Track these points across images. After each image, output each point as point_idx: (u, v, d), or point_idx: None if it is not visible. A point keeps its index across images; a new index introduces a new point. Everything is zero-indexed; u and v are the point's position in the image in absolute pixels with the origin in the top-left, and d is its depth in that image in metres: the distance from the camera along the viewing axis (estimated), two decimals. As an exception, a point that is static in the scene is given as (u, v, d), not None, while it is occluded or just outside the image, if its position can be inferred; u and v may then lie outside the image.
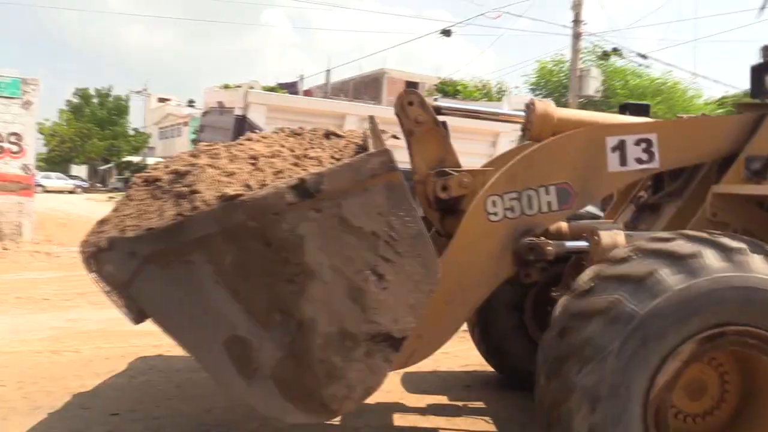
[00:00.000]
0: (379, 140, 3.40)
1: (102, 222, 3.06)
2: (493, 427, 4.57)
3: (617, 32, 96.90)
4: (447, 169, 3.65)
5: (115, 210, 3.19)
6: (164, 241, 2.60)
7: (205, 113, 11.84)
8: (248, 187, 2.79)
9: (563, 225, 3.90)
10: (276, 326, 2.66)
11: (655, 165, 3.71)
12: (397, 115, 3.67)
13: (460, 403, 5.03)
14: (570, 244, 3.69)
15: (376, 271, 2.66)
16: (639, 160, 3.68)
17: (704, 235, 3.03)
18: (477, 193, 3.57)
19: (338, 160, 3.18)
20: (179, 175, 3.03)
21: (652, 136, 3.72)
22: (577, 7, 17.50)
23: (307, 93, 34.07)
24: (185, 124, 40.58)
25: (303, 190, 2.55)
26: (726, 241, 2.95)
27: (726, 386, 3.22)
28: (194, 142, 31.81)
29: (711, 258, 2.83)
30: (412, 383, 5.40)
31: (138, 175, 3.35)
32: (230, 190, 2.67)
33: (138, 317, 2.83)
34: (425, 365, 6.25)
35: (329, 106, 10.29)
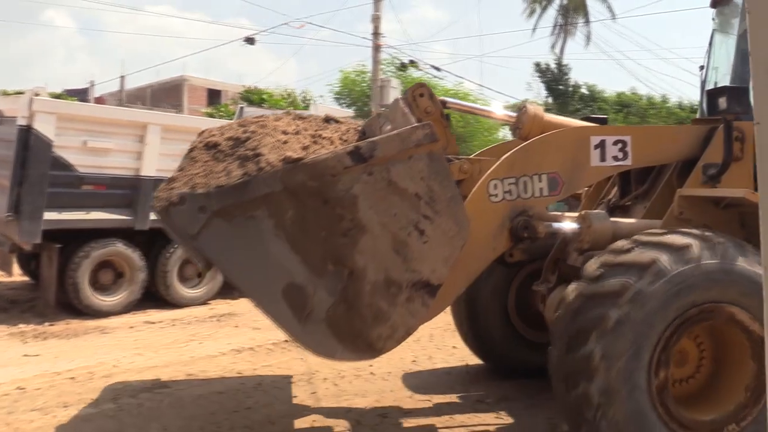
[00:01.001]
0: (412, 114, 3.83)
1: (171, 180, 3.45)
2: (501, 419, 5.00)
3: (414, 45, 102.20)
4: (449, 156, 4.04)
5: (181, 169, 3.53)
6: (232, 197, 2.95)
7: (-21, 123, 10.49)
8: (305, 150, 3.21)
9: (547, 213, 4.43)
10: (329, 275, 3.04)
11: (628, 162, 4.37)
12: (409, 105, 4.03)
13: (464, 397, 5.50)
14: (557, 225, 4.29)
15: (418, 227, 3.13)
16: (615, 158, 4.31)
17: (692, 230, 3.72)
18: (474, 178, 4.10)
19: (346, 141, 3.68)
20: (239, 141, 3.39)
21: (627, 138, 4.37)
22: (376, 20, 18.23)
23: (99, 100, 31.66)
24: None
25: (358, 155, 2.98)
26: (709, 235, 3.64)
27: (702, 354, 3.91)
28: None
29: (698, 249, 3.51)
30: (416, 381, 5.85)
31: (198, 139, 3.70)
32: (293, 154, 3.05)
33: (205, 266, 3.40)
34: (425, 364, 6.18)
35: (130, 115, 9.61)
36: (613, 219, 4.40)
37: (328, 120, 3.95)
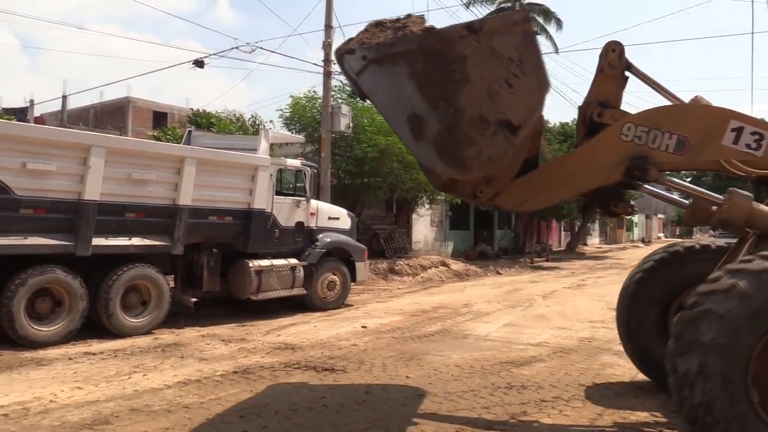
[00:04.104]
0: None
1: (350, 39, 4.66)
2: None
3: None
4: (608, 105, 5.03)
5: (359, 34, 4.64)
6: (384, 50, 4.25)
7: None
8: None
9: None
10: (440, 109, 4.12)
11: (759, 153, 4.79)
12: (600, 57, 5.05)
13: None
14: (672, 179, 5.10)
15: (508, 82, 4.05)
16: (748, 145, 4.77)
17: None
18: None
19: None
20: (398, 24, 4.46)
21: (766, 133, 4.79)
22: (327, 47, 18.24)
23: (39, 120, 30.63)
24: None
25: (471, 28, 4.04)
26: None
27: None
28: None
29: None
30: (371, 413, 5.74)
31: (371, 23, 4.68)
32: (425, 27, 4.25)
33: (362, 97, 4.92)
34: (379, 395, 6.19)
35: (72, 136, 9.25)
36: (755, 203, 4.90)
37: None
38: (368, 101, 4.90)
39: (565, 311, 12.81)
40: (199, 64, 19.90)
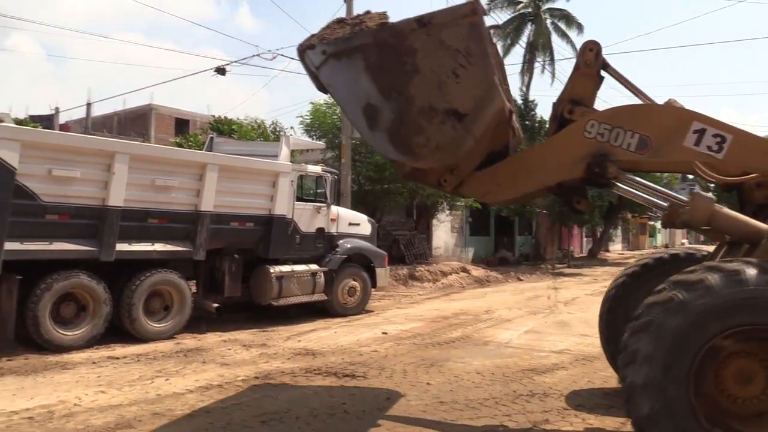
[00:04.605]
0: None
1: (312, 36, 4.80)
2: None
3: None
4: (579, 103, 5.14)
5: (321, 30, 4.79)
6: (342, 45, 4.46)
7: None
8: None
9: None
10: (393, 100, 4.37)
11: (719, 156, 4.77)
12: (578, 55, 5.25)
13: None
14: (631, 177, 4.99)
15: (455, 72, 4.26)
16: (709, 147, 4.78)
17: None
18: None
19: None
20: (356, 21, 4.61)
21: (729, 136, 4.77)
22: (347, 53, 18.29)
23: (64, 127, 31.09)
24: None
25: (421, 22, 4.23)
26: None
27: None
28: None
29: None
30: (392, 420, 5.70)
31: (334, 20, 4.86)
32: (380, 22, 4.40)
33: (321, 89, 4.96)
34: (400, 401, 6.27)
35: (97, 143, 9.38)
36: (718, 205, 4.80)
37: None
38: (327, 95, 5.24)
39: (587, 318, 12.66)
40: (220, 71, 20.11)
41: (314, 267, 12.04)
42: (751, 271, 3.86)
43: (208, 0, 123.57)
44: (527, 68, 41.24)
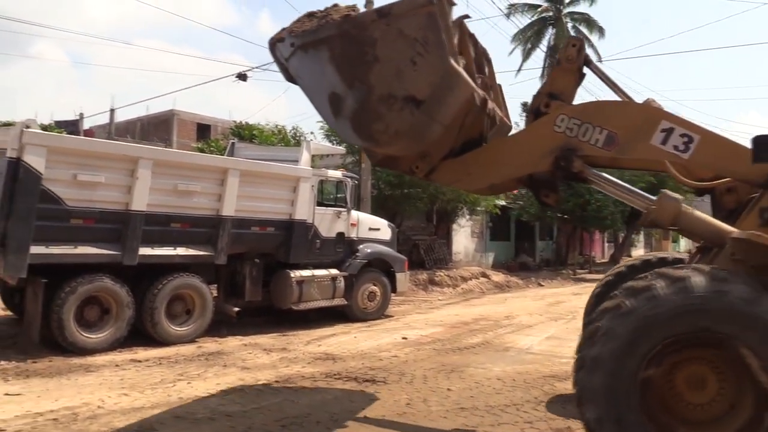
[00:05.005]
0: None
1: (283, 29, 4.98)
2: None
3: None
4: (557, 97, 5.17)
5: (291, 24, 4.96)
6: (309, 37, 4.63)
7: (-33, 154, 10.35)
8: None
9: None
10: (355, 88, 4.49)
11: (685, 157, 4.73)
12: (560, 51, 5.35)
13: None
14: (597, 172, 5.06)
15: (413, 60, 4.35)
16: (676, 147, 4.73)
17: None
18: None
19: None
20: (324, 14, 4.76)
21: (696, 137, 4.72)
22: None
23: (89, 133, 31.51)
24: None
25: (381, 12, 4.38)
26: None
27: (723, 381, 4.05)
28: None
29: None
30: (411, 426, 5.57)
31: (304, 14, 4.99)
32: (344, 14, 4.57)
33: (290, 80, 5.15)
34: (420, 407, 6.21)
35: (121, 149, 9.52)
36: (685, 206, 4.76)
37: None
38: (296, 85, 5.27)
39: (609, 324, 12.53)
40: (241, 77, 20.28)
41: (334, 271, 12.06)
42: (697, 279, 3.88)
43: (229, 6, 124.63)
44: (549, 72, 41.05)
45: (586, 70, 5.32)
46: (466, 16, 5.17)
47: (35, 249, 8.23)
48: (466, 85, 4.69)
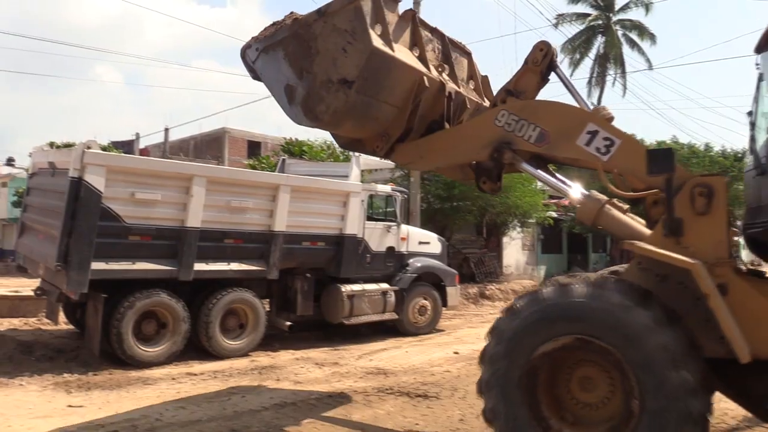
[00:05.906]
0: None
1: (252, 38, 5.81)
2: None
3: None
4: (516, 95, 5.55)
5: (259, 32, 5.78)
6: (269, 41, 5.50)
7: (32, 175, 10.77)
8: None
9: None
10: (304, 78, 5.20)
11: (604, 159, 4.92)
12: (530, 52, 5.62)
13: None
14: (526, 166, 5.35)
15: (344, 48, 5.02)
16: (597, 149, 4.95)
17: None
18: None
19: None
20: (283, 21, 5.52)
21: (618, 141, 4.92)
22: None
23: (144, 152, 32.55)
24: (3, 185, 36.69)
25: (320, 11, 5.05)
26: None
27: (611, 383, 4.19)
28: (16, 205, 28.90)
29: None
30: None
31: (270, 24, 5.73)
32: (293, 18, 5.33)
33: (256, 79, 6.08)
34: (474, 423, 5.96)
35: (176, 167, 9.77)
36: (608, 207, 5.02)
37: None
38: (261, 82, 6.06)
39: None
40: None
41: (385, 286, 12.06)
42: (579, 286, 4.19)
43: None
44: (597, 81, 40.40)
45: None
46: (412, 11, 5.64)
47: (96, 265, 8.49)
48: (408, 69, 5.34)
